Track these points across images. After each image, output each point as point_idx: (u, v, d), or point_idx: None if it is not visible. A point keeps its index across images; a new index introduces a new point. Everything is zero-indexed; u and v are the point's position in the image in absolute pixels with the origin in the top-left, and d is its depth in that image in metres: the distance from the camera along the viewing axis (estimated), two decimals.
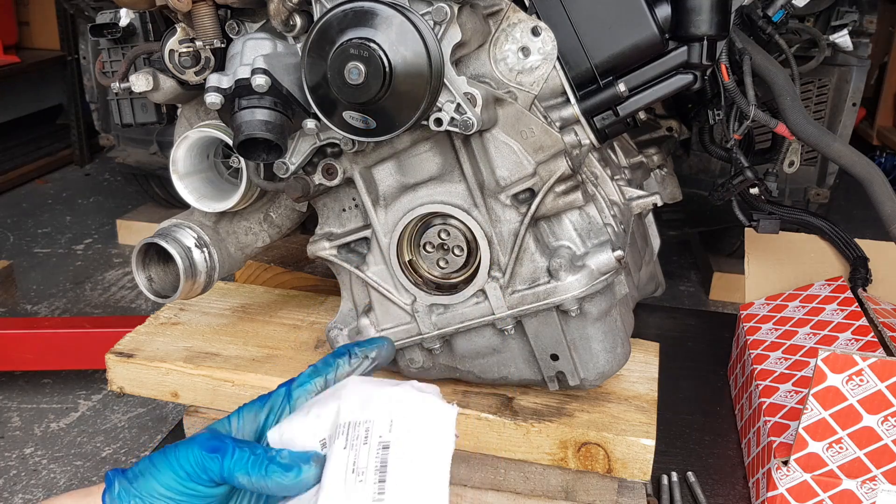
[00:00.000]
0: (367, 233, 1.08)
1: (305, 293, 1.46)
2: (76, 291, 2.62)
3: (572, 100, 1.03)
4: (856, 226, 2.27)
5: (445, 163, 1.02)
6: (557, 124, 1.02)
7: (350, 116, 0.92)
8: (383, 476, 0.68)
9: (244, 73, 0.92)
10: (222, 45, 1.01)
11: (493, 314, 1.04)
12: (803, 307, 1.53)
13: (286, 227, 1.24)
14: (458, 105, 0.92)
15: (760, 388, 1.37)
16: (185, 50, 1.02)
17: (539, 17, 1.01)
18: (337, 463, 0.70)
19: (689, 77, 1.04)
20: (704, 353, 1.76)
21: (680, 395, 1.58)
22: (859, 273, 1.57)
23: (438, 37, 0.89)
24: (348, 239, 1.09)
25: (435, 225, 1.04)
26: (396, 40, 0.87)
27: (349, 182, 1.06)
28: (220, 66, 1.03)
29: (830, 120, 2.21)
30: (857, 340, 1.37)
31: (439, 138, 1.01)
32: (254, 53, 0.95)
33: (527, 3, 1.02)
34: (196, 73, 1.03)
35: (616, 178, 1.23)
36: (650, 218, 1.44)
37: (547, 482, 1.13)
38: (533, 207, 0.99)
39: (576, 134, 1.03)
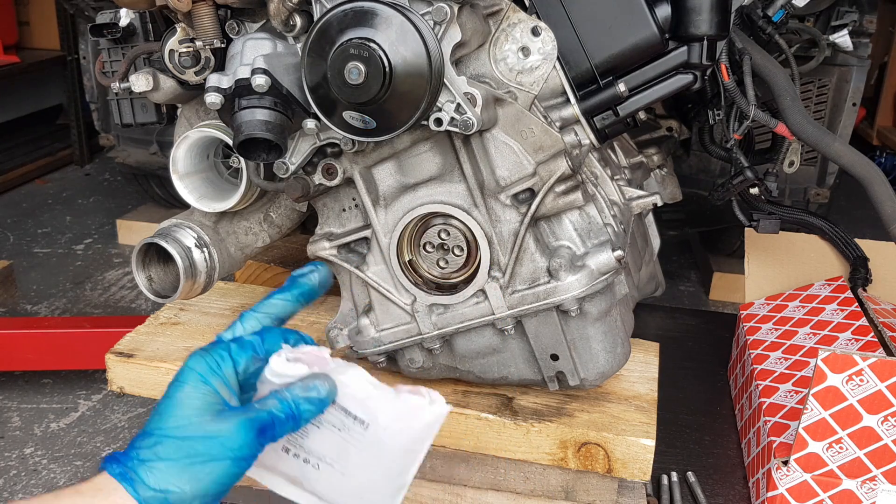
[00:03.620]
0: (367, 233, 1.08)
1: None
2: (76, 291, 2.61)
3: (572, 100, 1.03)
4: (856, 226, 2.26)
5: (445, 163, 1.02)
6: (557, 124, 1.02)
7: (350, 116, 0.92)
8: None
9: (244, 73, 0.92)
10: (222, 45, 1.01)
11: (493, 314, 1.04)
12: (803, 307, 1.53)
13: (286, 227, 1.24)
14: (458, 105, 0.92)
15: (760, 388, 1.37)
16: (185, 50, 1.02)
17: (539, 17, 1.01)
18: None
19: (689, 77, 1.04)
20: (704, 354, 1.76)
21: (680, 395, 1.58)
22: (859, 273, 1.57)
23: (438, 37, 0.89)
24: (348, 239, 1.09)
25: (435, 225, 1.04)
26: (396, 40, 0.87)
27: (349, 182, 1.06)
28: (220, 66, 1.03)
29: (830, 120, 2.21)
30: (857, 340, 1.37)
31: (439, 138, 1.01)
32: (254, 53, 0.95)
33: (527, 3, 1.02)
34: (196, 73, 1.03)
35: (616, 178, 1.23)
36: (650, 218, 1.44)
37: (547, 482, 1.13)
38: (533, 207, 0.99)
39: (576, 134, 1.03)
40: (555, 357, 1.07)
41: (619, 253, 1.00)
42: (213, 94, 0.94)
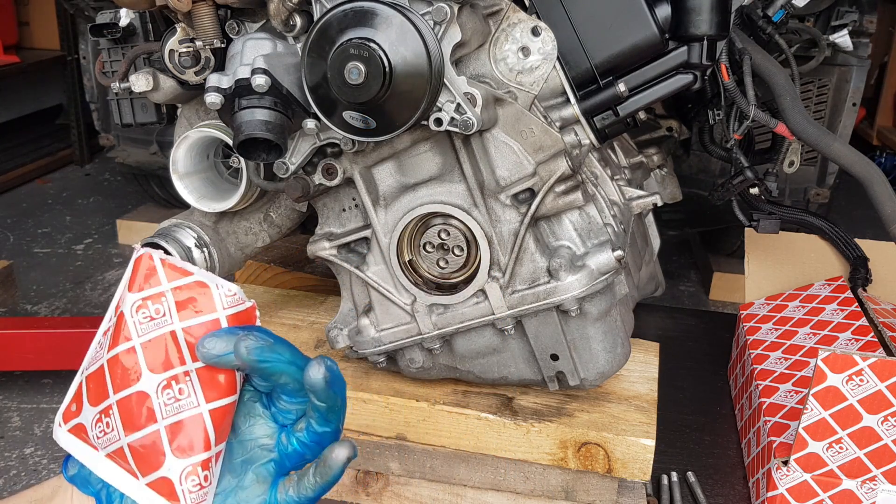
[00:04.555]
0: (367, 233, 1.08)
1: (305, 293, 1.46)
2: (76, 291, 2.61)
3: (572, 100, 1.03)
4: (856, 226, 2.26)
5: (445, 163, 1.02)
6: (557, 124, 1.02)
7: (350, 116, 0.92)
8: None
9: (244, 73, 0.92)
10: (222, 45, 1.01)
11: (493, 314, 1.04)
12: (803, 307, 1.53)
13: (286, 227, 1.24)
14: (458, 105, 0.92)
15: (760, 388, 1.37)
16: (185, 50, 1.02)
17: (539, 17, 1.01)
18: None
19: (689, 77, 1.04)
20: (704, 354, 1.76)
21: (680, 396, 1.58)
22: (859, 273, 1.57)
23: (438, 37, 0.89)
24: (348, 239, 1.09)
25: (435, 225, 1.04)
26: (396, 40, 0.87)
27: (349, 182, 1.06)
28: (220, 66, 1.03)
29: (830, 120, 2.20)
30: (857, 340, 1.37)
31: (439, 138, 1.01)
32: (254, 53, 0.95)
33: (527, 2, 1.02)
34: (196, 73, 1.03)
35: (616, 178, 1.23)
36: (650, 218, 1.44)
37: (547, 482, 1.13)
38: (533, 207, 0.99)
39: (576, 134, 1.03)
40: (555, 357, 1.07)
41: (619, 253, 1.00)
42: (213, 94, 0.94)
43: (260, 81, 0.91)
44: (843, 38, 1.82)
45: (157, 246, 1.11)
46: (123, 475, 0.65)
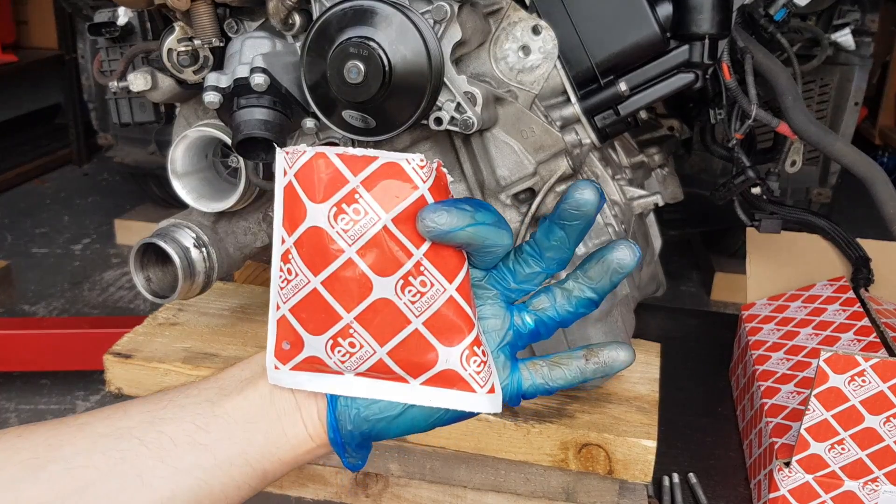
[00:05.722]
0: None
1: None
2: (74, 292, 2.61)
3: (573, 99, 1.03)
4: (858, 226, 2.26)
5: (445, 162, 1.01)
6: (558, 123, 1.02)
7: (349, 116, 0.91)
8: None
9: (243, 71, 0.91)
10: (221, 44, 1.01)
11: None
12: (805, 307, 1.52)
13: None
14: (459, 104, 0.91)
15: (762, 388, 1.36)
16: (183, 49, 1.01)
17: (540, 16, 1.00)
18: None
19: (691, 76, 1.04)
20: (706, 354, 1.75)
21: (681, 396, 1.58)
22: (861, 273, 1.56)
23: (438, 35, 0.88)
24: None
25: None
26: (396, 39, 0.87)
27: None
28: (219, 65, 1.02)
29: (832, 119, 2.20)
30: (859, 341, 1.37)
31: (439, 138, 1.00)
32: (252, 52, 0.95)
33: (527, 1, 1.02)
34: (195, 72, 1.03)
35: (617, 177, 1.22)
36: (651, 218, 1.44)
37: (548, 483, 1.12)
38: (533, 207, 0.99)
39: (576, 133, 1.02)
40: None
41: None
42: (212, 93, 0.93)
43: (259, 80, 0.90)
44: (845, 37, 1.82)
45: (155, 246, 1.11)
46: (388, 385, 0.60)
